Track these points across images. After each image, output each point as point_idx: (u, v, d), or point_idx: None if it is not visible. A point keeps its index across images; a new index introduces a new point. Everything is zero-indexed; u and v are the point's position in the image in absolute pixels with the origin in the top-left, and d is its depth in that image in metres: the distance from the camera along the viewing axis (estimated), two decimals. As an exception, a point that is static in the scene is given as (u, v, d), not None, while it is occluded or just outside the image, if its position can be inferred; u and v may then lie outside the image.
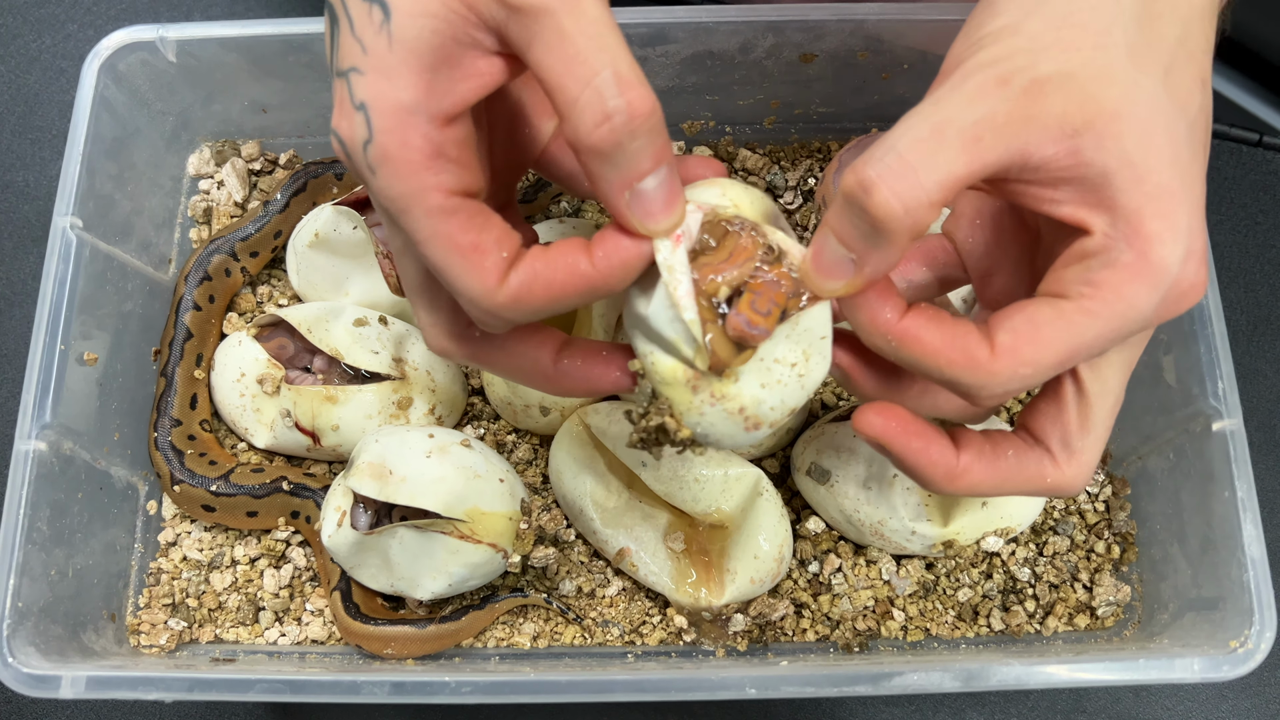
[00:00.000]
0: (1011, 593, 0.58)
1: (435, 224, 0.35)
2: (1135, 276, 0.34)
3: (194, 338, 0.62)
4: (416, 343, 0.61)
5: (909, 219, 0.33)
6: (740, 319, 0.36)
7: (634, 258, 0.36)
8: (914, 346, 0.36)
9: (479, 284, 0.36)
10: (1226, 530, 0.51)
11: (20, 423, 0.53)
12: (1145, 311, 0.35)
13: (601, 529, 0.57)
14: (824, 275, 0.36)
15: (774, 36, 0.59)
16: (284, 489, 0.58)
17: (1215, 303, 0.53)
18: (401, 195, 0.35)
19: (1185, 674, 0.48)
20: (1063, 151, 0.34)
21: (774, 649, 0.57)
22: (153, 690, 0.49)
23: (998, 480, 0.40)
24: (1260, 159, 0.72)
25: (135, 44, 0.60)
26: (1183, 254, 0.34)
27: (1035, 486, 0.40)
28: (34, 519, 0.53)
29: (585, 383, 0.41)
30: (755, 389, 0.38)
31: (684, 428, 0.39)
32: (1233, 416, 0.52)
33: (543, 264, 0.36)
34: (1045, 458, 0.40)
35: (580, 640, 0.58)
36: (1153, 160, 0.34)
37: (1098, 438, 0.40)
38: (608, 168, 0.35)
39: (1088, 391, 0.39)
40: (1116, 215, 0.34)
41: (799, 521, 0.59)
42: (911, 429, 0.39)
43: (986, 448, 0.40)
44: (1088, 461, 0.40)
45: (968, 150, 0.33)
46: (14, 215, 0.72)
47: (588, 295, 0.37)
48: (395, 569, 0.54)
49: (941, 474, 0.39)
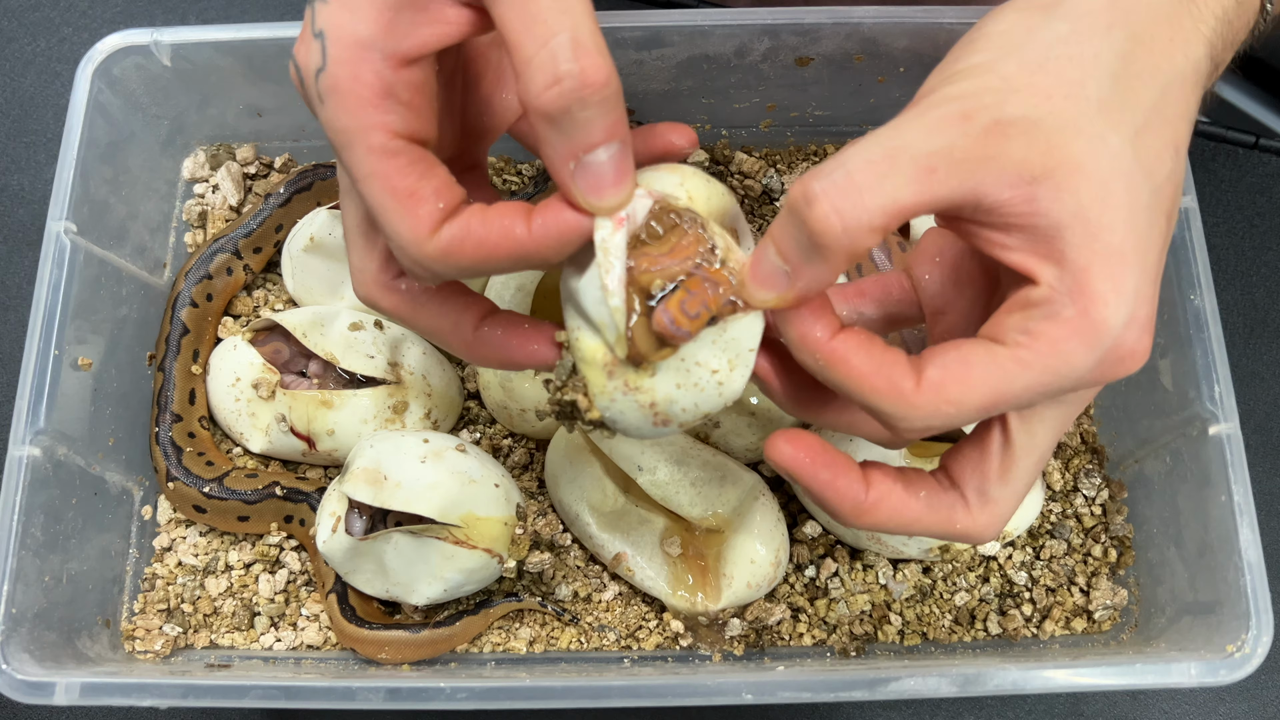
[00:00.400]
0: (1008, 597, 0.58)
1: (375, 162, 0.35)
2: (1074, 333, 0.34)
3: (190, 334, 0.61)
4: (412, 347, 0.61)
5: (846, 238, 0.33)
6: (666, 317, 0.36)
7: (571, 231, 0.35)
8: (840, 368, 0.36)
9: (409, 230, 0.35)
10: (1223, 534, 0.51)
11: (14, 428, 0.53)
12: (1080, 370, 0.34)
13: (598, 534, 0.57)
14: (758, 284, 0.36)
15: (770, 40, 0.59)
16: (277, 494, 0.58)
17: (1211, 306, 0.53)
18: (346, 129, 0.35)
19: (1182, 678, 0.48)
20: (1018, 198, 0.33)
21: (770, 653, 0.57)
22: (147, 696, 0.49)
23: (907, 520, 0.39)
24: (1257, 161, 0.72)
25: (130, 48, 0.60)
26: (1125, 318, 0.34)
27: (943, 530, 0.40)
28: (28, 524, 0.52)
29: (503, 352, 0.41)
30: (670, 388, 0.37)
31: (595, 409, 0.38)
32: (1229, 420, 0.51)
33: (478, 222, 0.36)
34: (958, 503, 0.39)
35: (576, 645, 0.58)
36: (1108, 218, 0.34)
37: (1015, 491, 0.39)
38: (554, 133, 0.34)
39: (1014, 443, 0.38)
40: (1064, 269, 0.34)
41: (795, 526, 0.59)
42: (820, 459, 0.38)
43: (898, 486, 0.39)
44: (1000, 514, 0.39)
45: (919, 180, 0.33)
46: (8, 219, 0.72)
47: (519, 261, 0.36)
48: (390, 574, 0.54)
49: (849, 507, 0.38)
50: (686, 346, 0.36)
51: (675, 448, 0.56)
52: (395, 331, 0.61)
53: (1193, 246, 0.54)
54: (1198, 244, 0.54)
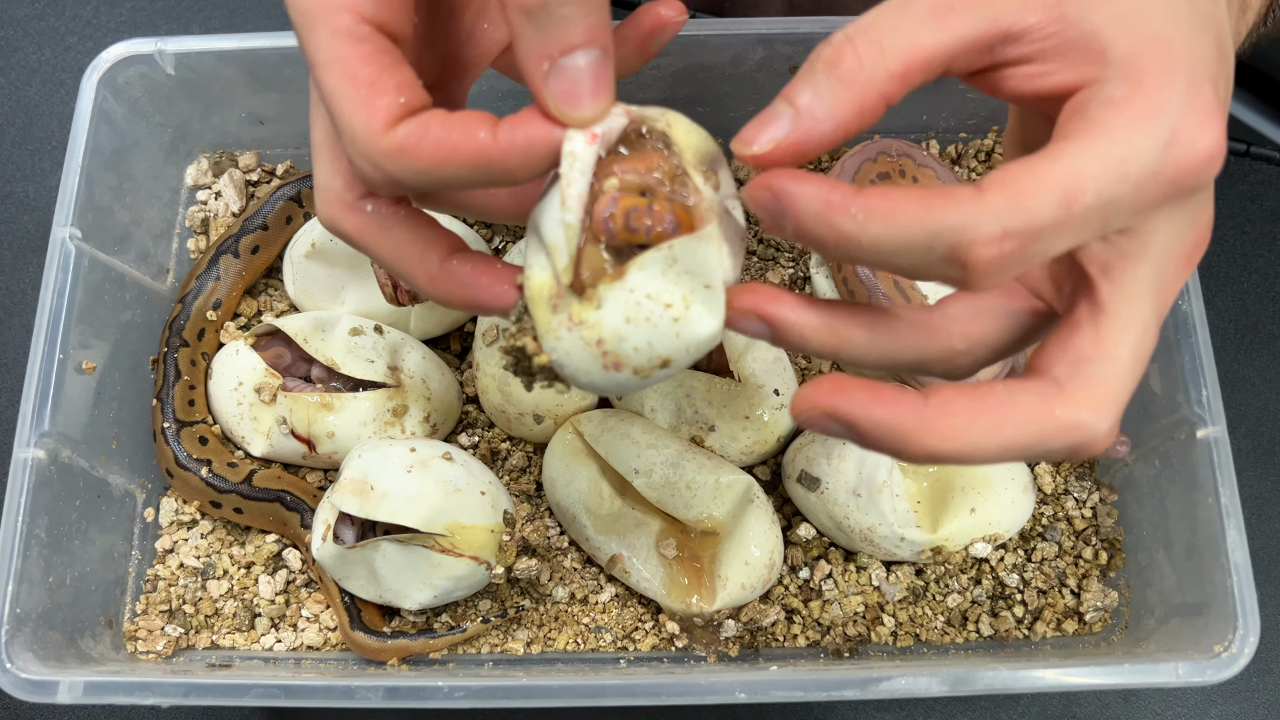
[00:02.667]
0: (1000, 598, 0.59)
1: (337, 46, 0.33)
2: (1127, 111, 0.30)
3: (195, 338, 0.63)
4: (412, 351, 0.61)
5: (861, 75, 0.31)
6: (606, 209, 0.33)
7: (540, 141, 0.32)
8: (883, 212, 0.30)
9: (364, 122, 0.32)
10: (1210, 536, 0.51)
11: (19, 431, 0.54)
12: (1145, 155, 0.30)
13: (594, 536, 0.58)
14: (755, 128, 0.32)
15: (764, 49, 0.60)
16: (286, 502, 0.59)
17: (1199, 311, 0.54)
18: (311, 8, 0.33)
19: (1169, 678, 0.48)
20: (1047, 19, 0.31)
21: (765, 654, 0.58)
22: (149, 695, 0.50)
23: (989, 422, 0.31)
24: (1248, 169, 0.72)
25: (134, 57, 0.60)
26: (1182, 100, 0.30)
27: (1042, 426, 0.31)
28: (32, 526, 0.53)
29: (469, 290, 0.37)
30: (618, 321, 0.33)
31: (542, 352, 0.35)
32: (1216, 424, 0.52)
33: (439, 123, 0.33)
34: (1050, 387, 0.31)
35: (573, 646, 0.58)
36: (1146, 10, 0.31)
37: (1121, 365, 0.31)
38: (531, 28, 0.31)
39: (1106, 308, 0.32)
40: (1108, 61, 0.31)
41: (790, 528, 0.60)
42: (853, 385, 0.32)
43: (964, 389, 0.32)
44: (1110, 393, 0.31)
45: (935, 19, 0.31)
46: (13, 225, 0.73)
47: (480, 171, 0.33)
48: (382, 581, 0.55)
49: (911, 424, 0.31)
50: (634, 276, 0.33)
51: (671, 451, 0.57)
52: (395, 336, 0.62)
53: (1181, 252, 0.54)
54: (1186, 250, 0.55)
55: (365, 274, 0.61)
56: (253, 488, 0.59)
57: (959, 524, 0.56)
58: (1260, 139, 0.75)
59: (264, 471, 0.60)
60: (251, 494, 0.59)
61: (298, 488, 0.60)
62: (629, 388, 0.35)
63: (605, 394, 0.37)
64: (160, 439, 0.60)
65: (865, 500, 0.56)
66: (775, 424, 0.59)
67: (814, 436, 0.58)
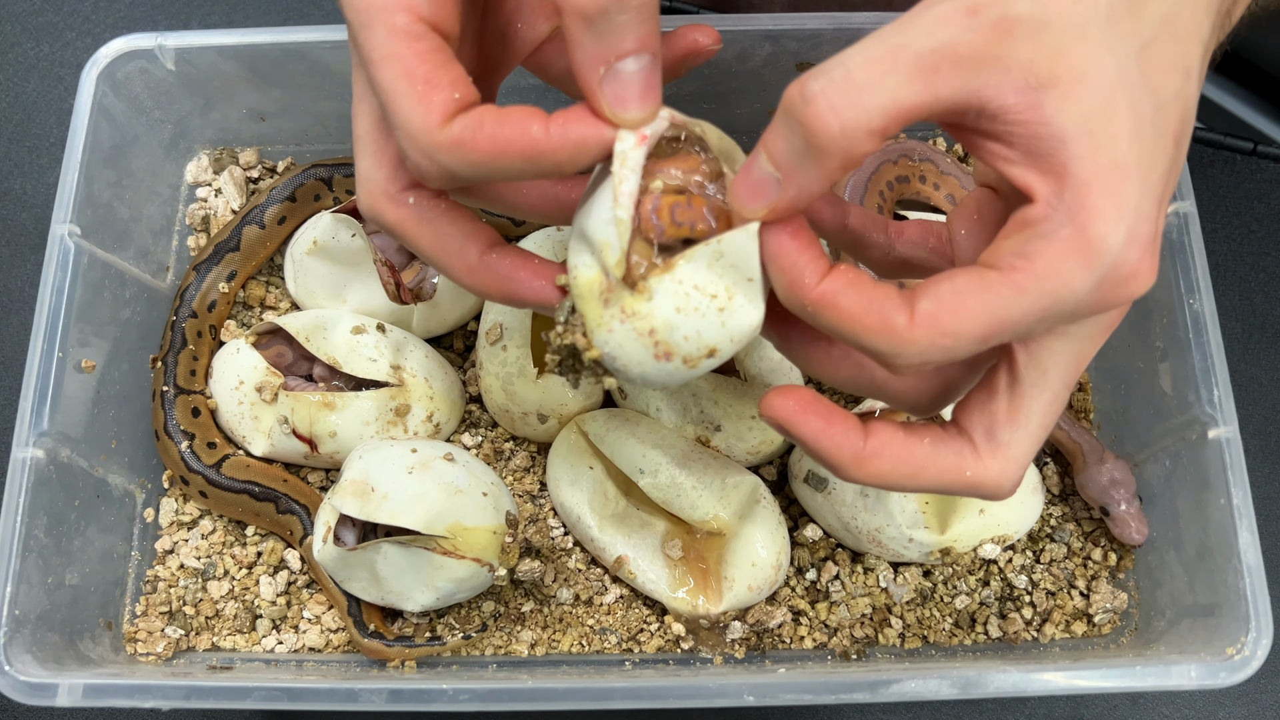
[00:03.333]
0: (1009, 600, 0.58)
1: (395, 44, 0.34)
2: (1070, 252, 0.32)
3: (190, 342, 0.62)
4: (415, 350, 0.61)
5: (844, 140, 0.31)
6: (652, 205, 0.35)
7: (591, 139, 0.34)
8: (830, 311, 0.34)
9: (422, 117, 0.34)
10: (1223, 537, 0.51)
11: (18, 430, 0.53)
12: (1079, 292, 0.32)
13: (599, 536, 0.57)
14: (747, 194, 0.34)
15: (771, 45, 0.59)
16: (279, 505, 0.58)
17: (1210, 310, 0.53)
18: (369, 7, 0.34)
19: (1182, 680, 0.48)
20: (1023, 104, 0.32)
21: (771, 656, 0.57)
22: (149, 698, 0.49)
23: (910, 470, 0.37)
24: (1255, 167, 0.72)
25: (134, 52, 0.60)
26: (1125, 235, 0.32)
27: (952, 479, 0.37)
28: (31, 527, 0.52)
29: (507, 283, 0.39)
30: (669, 312, 0.35)
31: (593, 346, 0.37)
32: (1229, 424, 0.52)
33: (493, 118, 0.34)
34: (967, 448, 0.37)
35: (578, 648, 0.58)
36: (1112, 131, 0.32)
37: (1028, 434, 0.36)
38: (589, 35, 0.33)
39: (1021, 379, 0.36)
40: (1064, 184, 0.32)
41: (796, 529, 0.59)
42: (813, 409, 0.36)
43: (900, 433, 0.37)
44: (1015, 457, 0.36)
45: (920, 78, 0.31)
46: (11, 222, 0.72)
47: (532, 163, 0.35)
48: (384, 583, 0.54)
49: (847, 456, 0.36)
50: (683, 269, 0.35)
51: (677, 450, 0.57)
52: (398, 335, 0.61)
53: (1191, 250, 0.54)
54: (1196, 248, 0.54)
55: (367, 272, 0.61)
56: (219, 474, 0.59)
57: (968, 525, 0.56)
58: (1265, 138, 0.75)
59: (234, 459, 0.60)
60: (216, 480, 0.59)
61: (266, 476, 0.59)
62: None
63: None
64: (157, 401, 0.60)
65: (873, 501, 0.55)
66: (782, 424, 0.59)
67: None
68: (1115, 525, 0.56)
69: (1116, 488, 0.56)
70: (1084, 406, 0.62)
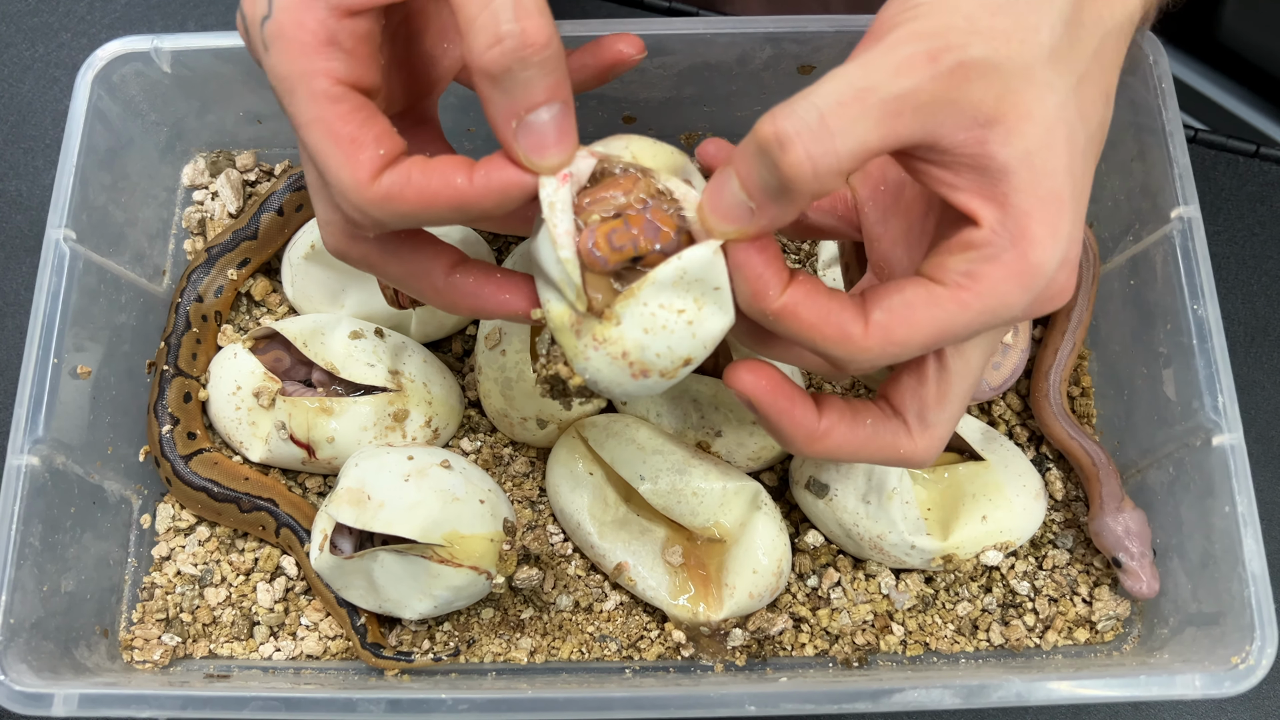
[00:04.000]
0: (1011, 606, 0.58)
1: (317, 108, 0.36)
2: (1012, 275, 0.35)
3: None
4: (413, 355, 0.60)
5: (816, 183, 0.33)
6: (589, 240, 0.36)
7: (512, 186, 0.36)
8: (791, 322, 0.37)
9: (350, 175, 0.36)
10: (1227, 545, 0.51)
11: (13, 437, 0.53)
12: (1015, 309, 0.36)
13: (599, 543, 0.57)
14: (719, 216, 0.36)
15: (772, 48, 0.59)
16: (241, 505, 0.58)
17: (1215, 317, 0.53)
18: (289, 75, 0.36)
19: (1187, 690, 0.48)
20: (971, 140, 0.35)
21: (772, 664, 0.57)
22: (146, 708, 0.49)
23: (855, 446, 0.41)
24: (1257, 170, 0.71)
25: (130, 54, 0.59)
26: (1059, 260, 0.35)
27: (888, 455, 0.41)
28: (26, 534, 0.52)
29: (474, 300, 0.41)
30: (638, 334, 0.37)
31: (575, 374, 0.39)
32: (1233, 431, 0.51)
33: (419, 171, 0.36)
34: (901, 430, 0.41)
35: (577, 655, 0.57)
36: (1051, 165, 0.35)
37: (952, 415, 0.41)
38: (497, 92, 0.35)
39: (949, 369, 0.40)
40: (1007, 212, 0.35)
41: (797, 535, 0.59)
42: (779, 390, 0.40)
43: (847, 414, 0.41)
44: (939, 436, 0.41)
45: (886, 123, 0.33)
46: (6, 225, 0.71)
47: (459, 212, 0.36)
48: (381, 591, 0.54)
49: (803, 435, 0.40)
50: (647, 290, 0.37)
51: (677, 457, 0.56)
52: (396, 339, 0.61)
53: (1195, 255, 0.54)
54: (1201, 253, 0.54)
55: (365, 277, 0.60)
56: (185, 466, 0.59)
57: (970, 531, 0.55)
58: (1268, 140, 0.75)
59: (205, 456, 0.60)
60: (180, 472, 0.59)
61: (227, 477, 0.59)
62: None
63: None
64: (155, 377, 0.60)
65: (875, 507, 0.55)
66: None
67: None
68: (1126, 577, 0.55)
69: (1131, 539, 0.55)
70: (1087, 412, 0.61)
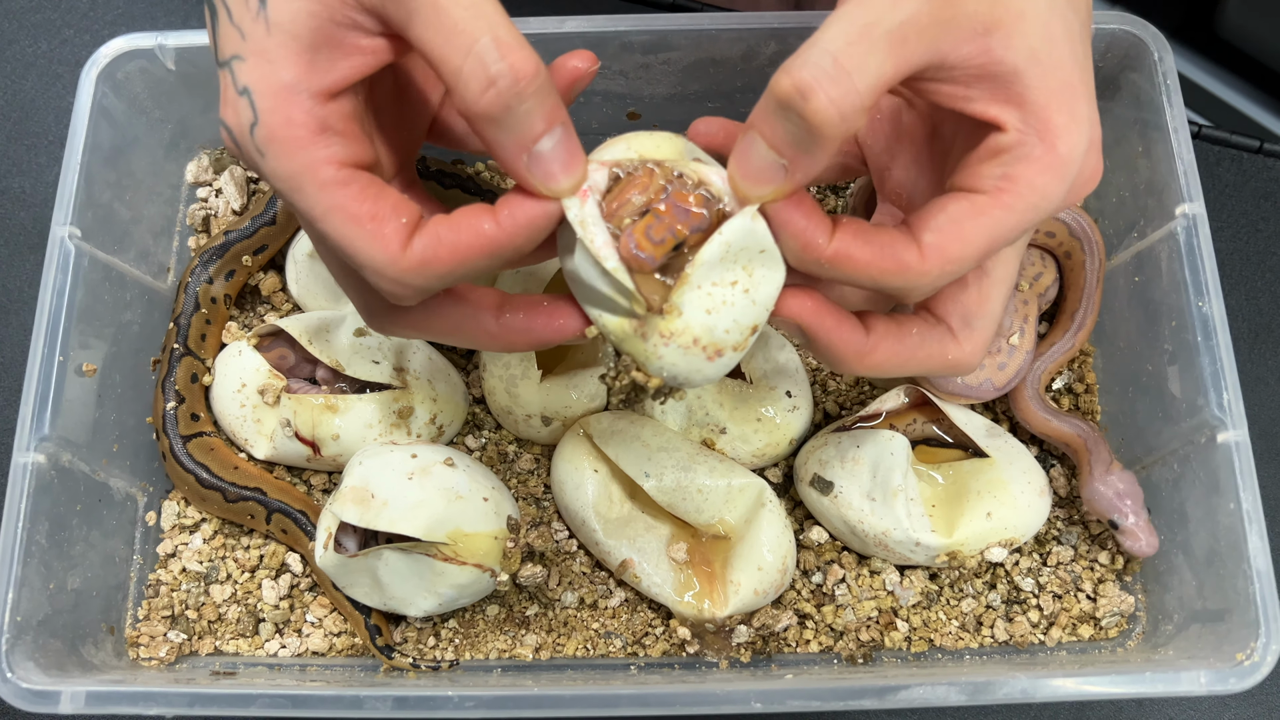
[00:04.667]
0: (1015, 603, 0.58)
1: (329, 196, 0.36)
2: (1046, 169, 0.36)
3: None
4: (418, 352, 0.60)
5: (843, 125, 0.34)
6: (631, 243, 0.36)
7: (539, 217, 0.37)
8: (846, 265, 0.37)
9: (381, 252, 0.36)
10: (1232, 541, 0.51)
11: (19, 435, 0.53)
12: (1055, 200, 0.37)
13: (604, 540, 0.57)
14: (752, 181, 0.36)
15: (776, 44, 0.59)
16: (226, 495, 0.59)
17: (1220, 313, 0.53)
18: (292, 173, 0.36)
19: (1192, 686, 0.48)
20: (976, 50, 0.35)
21: (777, 660, 0.57)
22: (153, 705, 0.49)
23: (903, 357, 0.41)
24: (1260, 166, 0.71)
25: (134, 51, 0.59)
26: (1085, 144, 0.36)
27: (936, 363, 0.42)
28: (33, 532, 0.52)
29: (530, 335, 0.41)
30: (702, 317, 0.38)
31: (651, 377, 0.39)
32: (1238, 428, 0.51)
33: (446, 228, 0.36)
34: (946, 335, 0.42)
35: (582, 652, 0.57)
36: (1056, 55, 0.36)
37: (993, 316, 0.42)
38: (501, 133, 0.35)
39: (987, 271, 0.41)
40: (1026, 110, 0.36)
41: (802, 532, 0.59)
42: (825, 310, 0.40)
43: (893, 327, 0.41)
44: (983, 339, 0.42)
45: (894, 52, 0.34)
46: (10, 222, 0.71)
47: (494, 258, 0.37)
48: (386, 589, 0.54)
49: (853, 351, 0.40)
50: (699, 273, 0.37)
51: (681, 454, 0.56)
52: (400, 337, 0.61)
53: (1200, 252, 0.54)
54: (1205, 250, 0.54)
55: (370, 273, 0.60)
56: (181, 447, 0.59)
57: (974, 528, 0.55)
58: (1272, 136, 0.74)
59: (202, 440, 0.60)
60: (176, 452, 0.59)
61: (218, 464, 0.59)
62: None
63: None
64: (166, 356, 0.60)
65: (879, 504, 0.55)
66: (787, 426, 0.58)
67: (826, 440, 0.58)
68: (1125, 538, 0.55)
69: (1123, 499, 0.55)
70: (1091, 409, 0.61)
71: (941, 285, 0.38)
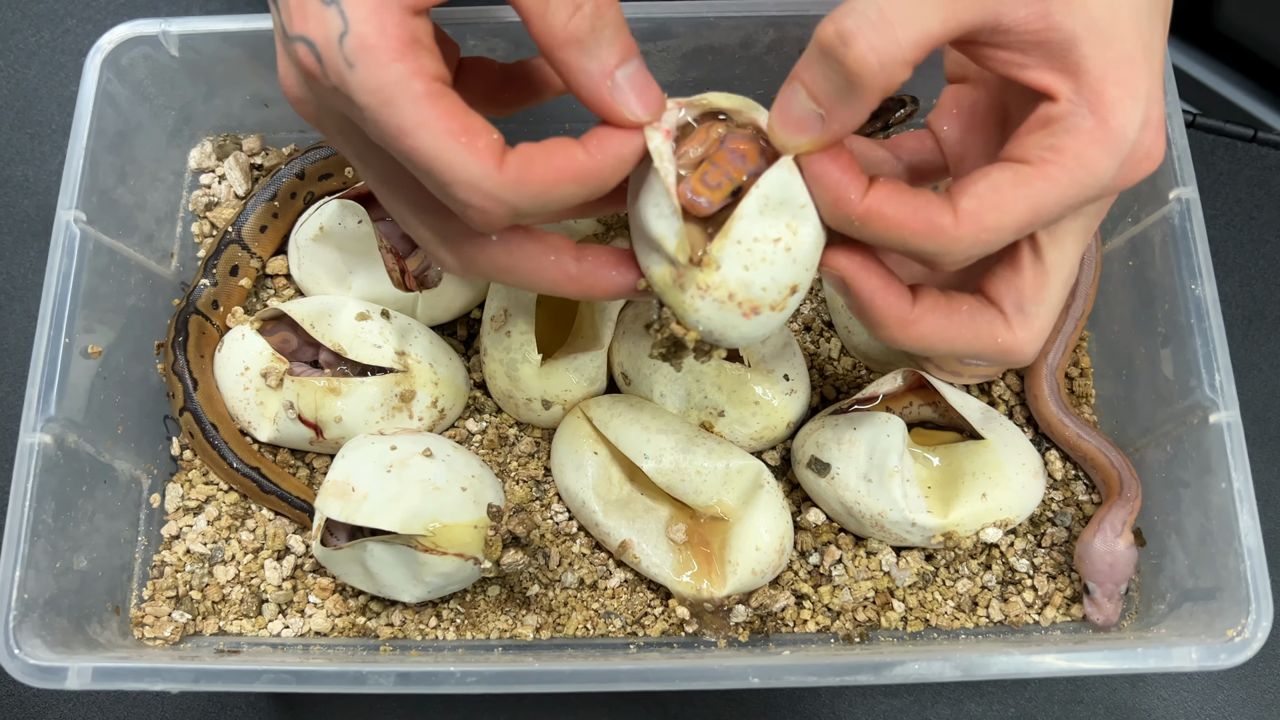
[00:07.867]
0: (1010, 584, 0.59)
1: (424, 109, 0.35)
2: (1095, 142, 0.35)
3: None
4: (420, 336, 0.61)
5: (884, 75, 0.34)
6: (687, 189, 0.37)
7: (627, 148, 0.37)
8: (878, 223, 0.36)
9: (478, 165, 0.35)
10: (1223, 521, 0.51)
11: (25, 416, 0.53)
12: (1104, 177, 0.36)
13: (603, 521, 0.57)
14: (790, 130, 0.36)
15: (775, 31, 0.60)
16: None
17: (1212, 296, 0.54)
18: (385, 84, 0.35)
19: (1183, 662, 0.48)
20: (1033, 15, 0.34)
21: (775, 640, 0.58)
22: (159, 681, 0.49)
23: (949, 335, 0.40)
24: (1255, 155, 0.72)
25: (138, 38, 0.60)
26: (1140, 121, 0.35)
27: (985, 345, 0.41)
28: (39, 512, 0.53)
29: (607, 282, 0.42)
30: (740, 272, 0.38)
31: (689, 329, 0.40)
32: (1230, 409, 0.52)
33: (539, 151, 0.37)
34: (998, 319, 0.40)
35: (582, 631, 0.58)
36: (1118, 26, 0.35)
37: (1051, 306, 0.40)
38: (586, 58, 0.36)
39: (1045, 258, 0.39)
40: (1080, 81, 0.35)
41: (799, 513, 0.59)
42: (871, 268, 0.39)
43: (942, 301, 0.40)
44: (1039, 328, 0.41)
45: (945, 8, 0.34)
46: (13, 210, 0.72)
47: (585, 185, 0.37)
48: (376, 578, 0.55)
49: (895, 318, 0.40)
50: (738, 227, 0.37)
51: (680, 436, 0.57)
52: (402, 321, 0.61)
53: (1193, 236, 0.54)
54: (1198, 234, 0.54)
55: (372, 258, 0.61)
56: (189, 397, 0.60)
57: (970, 509, 0.56)
58: (1266, 126, 0.75)
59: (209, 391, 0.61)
60: (186, 401, 0.60)
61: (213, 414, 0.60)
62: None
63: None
64: (178, 313, 0.61)
65: (876, 486, 0.56)
66: (785, 409, 0.59)
67: (824, 422, 0.58)
68: (1090, 604, 0.56)
69: (1112, 573, 0.55)
70: (1085, 392, 0.62)
71: (975, 254, 0.37)
